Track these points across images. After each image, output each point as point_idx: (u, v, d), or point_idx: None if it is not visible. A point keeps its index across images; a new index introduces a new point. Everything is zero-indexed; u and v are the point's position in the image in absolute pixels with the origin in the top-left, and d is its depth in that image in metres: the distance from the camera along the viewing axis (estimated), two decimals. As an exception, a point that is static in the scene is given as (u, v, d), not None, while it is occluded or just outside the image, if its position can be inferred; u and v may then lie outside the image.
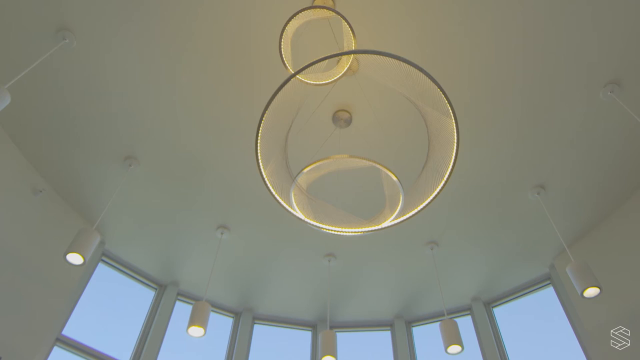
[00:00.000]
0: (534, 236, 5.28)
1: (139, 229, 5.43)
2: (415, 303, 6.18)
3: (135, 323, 5.63)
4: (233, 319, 6.31)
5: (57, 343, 4.78)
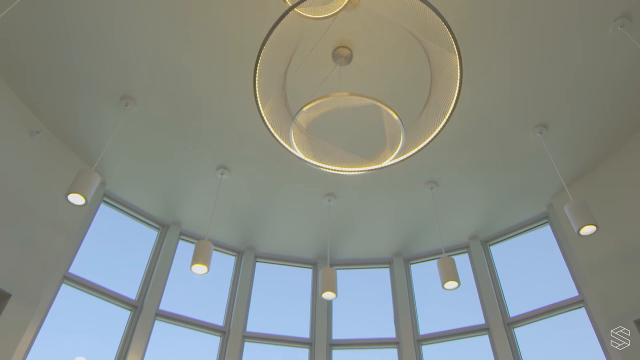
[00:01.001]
0: (534, 175, 5.29)
1: (139, 169, 5.44)
2: (413, 241, 6.30)
3: (140, 262, 5.76)
4: (235, 258, 6.46)
5: (65, 281, 4.91)
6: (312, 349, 5.77)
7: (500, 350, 5.18)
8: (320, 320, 5.94)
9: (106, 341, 5.10)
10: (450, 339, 5.66)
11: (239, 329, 5.70)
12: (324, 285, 4.62)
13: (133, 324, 5.22)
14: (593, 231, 3.95)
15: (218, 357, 5.51)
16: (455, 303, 5.96)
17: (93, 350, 5.02)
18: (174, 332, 5.54)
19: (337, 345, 5.84)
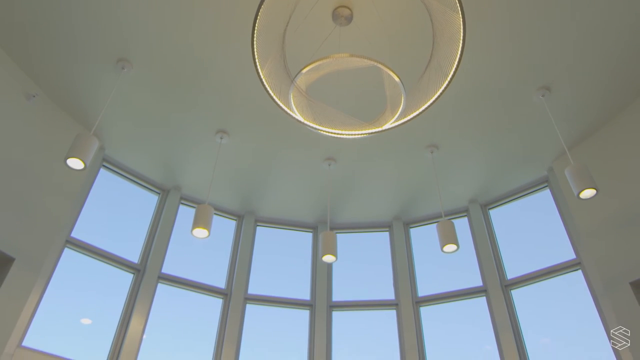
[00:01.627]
0: (535, 139, 5.26)
1: (138, 134, 5.40)
2: (413, 205, 6.32)
3: (141, 226, 5.80)
4: (236, 222, 6.50)
5: (67, 245, 4.96)
6: (312, 311, 5.89)
7: (497, 311, 5.28)
8: (321, 283, 6.04)
9: (110, 304, 5.19)
10: (448, 300, 5.76)
11: (241, 292, 5.80)
12: (324, 249, 4.66)
13: (136, 286, 5.30)
14: (593, 194, 3.95)
15: (220, 319, 5.62)
16: (454, 266, 6.04)
17: (98, 313, 5.12)
18: (176, 294, 5.64)
19: (337, 306, 5.95)
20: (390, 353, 5.55)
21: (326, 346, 5.54)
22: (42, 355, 4.35)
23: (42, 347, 4.41)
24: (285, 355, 5.78)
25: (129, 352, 4.82)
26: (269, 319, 5.95)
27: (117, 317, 5.07)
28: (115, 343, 4.90)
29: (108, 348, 4.86)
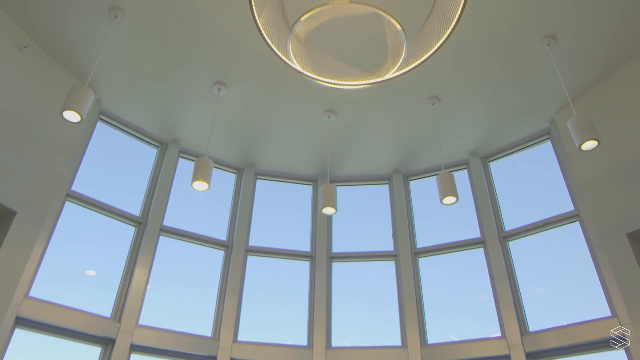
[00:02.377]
0: (538, 90, 5.18)
1: (134, 86, 5.31)
2: (413, 158, 6.30)
3: (142, 180, 5.81)
4: (236, 175, 6.50)
5: (68, 199, 4.98)
6: (313, 262, 5.99)
7: (494, 262, 5.37)
8: (321, 235, 6.11)
9: (114, 256, 5.28)
10: (446, 252, 5.85)
11: (242, 244, 5.88)
12: (324, 201, 4.68)
13: (139, 239, 5.37)
14: (594, 146, 3.93)
15: (222, 270, 5.73)
16: (453, 218, 6.10)
17: (102, 265, 5.21)
18: (179, 247, 5.72)
19: (337, 258, 6.05)
20: (389, 303, 5.69)
21: (326, 297, 5.67)
22: (49, 306, 4.46)
23: (49, 297, 4.52)
24: (287, 306, 5.93)
25: (134, 302, 4.94)
26: (270, 271, 6.07)
27: (121, 269, 5.16)
28: (121, 294, 5.01)
29: (113, 298, 4.98)
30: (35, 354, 4.51)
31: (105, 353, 4.68)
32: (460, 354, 5.06)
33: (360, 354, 5.31)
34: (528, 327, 4.95)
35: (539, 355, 4.76)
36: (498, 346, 4.92)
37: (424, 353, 5.15)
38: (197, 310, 5.55)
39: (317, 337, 5.36)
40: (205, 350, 5.08)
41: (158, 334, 4.96)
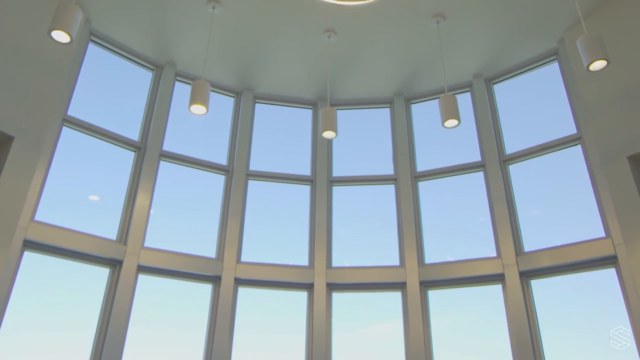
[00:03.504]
0: (548, 6, 4.93)
1: (124, 4, 5.05)
2: (415, 80, 6.15)
3: (138, 104, 5.71)
4: (234, 99, 6.38)
5: (65, 123, 4.92)
6: (313, 186, 6.04)
7: (493, 185, 5.41)
8: (321, 159, 6.11)
9: (115, 182, 5.31)
10: (446, 175, 5.88)
11: (242, 168, 5.89)
12: (324, 125, 4.62)
13: (139, 164, 5.37)
14: (603, 66, 3.80)
15: (223, 194, 5.79)
16: (453, 142, 6.07)
17: (104, 190, 5.25)
18: (179, 172, 5.74)
19: (337, 181, 6.10)
20: (388, 225, 5.81)
21: (326, 219, 5.78)
22: (55, 229, 4.55)
23: (54, 221, 4.60)
24: (288, 228, 6.06)
25: (138, 225, 5.04)
26: (271, 195, 6.13)
27: (123, 194, 5.21)
28: (124, 217, 5.10)
29: (118, 222, 5.07)
30: (46, 276, 4.68)
31: (113, 273, 4.85)
32: (456, 272, 5.24)
33: (359, 273, 5.51)
34: (523, 248, 5.09)
35: (532, 273, 4.93)
36: (493, 265, 5.09)
37: (420, 272, 5.34)
38: (200, 232, 5.68)
39: (318, 258, 5.53)
40: (210, 270, 5.26)
41: (163, 255, 5.11)
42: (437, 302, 5.35)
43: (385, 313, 5.57)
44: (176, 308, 5.37)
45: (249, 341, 5.30)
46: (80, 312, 4.72)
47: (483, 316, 5.40)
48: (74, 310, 4.70)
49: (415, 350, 4.98)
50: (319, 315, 5.24)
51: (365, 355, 5.47)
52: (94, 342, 4.57)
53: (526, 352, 4.58)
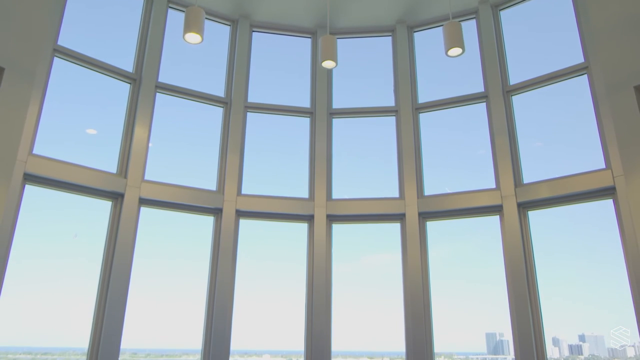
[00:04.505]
0: None
1: None
2: (419, 6, 5.88)
3: (131, 34, 5.50)
4: (230, 27, 6.14)
5: (56, 54, 4.77)
6: (312, 118, 5.96)
7: (495, 117, 5.33)
8: (321, 90, 5.98)
9: (112, 115, 5.23)
10: (448, 106, 5.78)
11: (240, 100, 5.78)
12: (324, 54, 4.47)
13: (135, 96, 5.26)
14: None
15: (222, 127, 5.72)
16: (456, 73, 5.92)
17: (101, 124, 5.19)
18: (177, 105, 5.64)
19: (337, 113, 6.01)
20: (388, 158, 5.80)
21: (326, 151, 5.75)
22: (55, 162, 4.54)
23: (53, 155, 4.58)
24: (288, 161, 6.06)
25: (138, 158, 5.02)
26: (270, 128, 6.07)
27: (121, 127, 5.15)
28: (123, 150, 5.07)
29: (117, 155, 5.05)
30: (50, 210, 4.74)
31: (116, 206, 4.90)
32: (455, 204, 5.30)
33: (359, 204, 5.57)
34: (522, 179, 5.11)
35: (530, 204, 4.98)
36: (491, 197, 5.13)
37: (419, 203, 5.39)
38: (200, 166, 5.69)
39: (318, 190, 5.57)
40: (211, 203, 5.32)
41: (164, 188, 5.14)
42: (436, 233, 5.46)
43: (384, 244, 5.70)
44: (180, 240, 5.50)
45: (252, 271, 5.47)
46: (76, 240, 4.81)
47: (480, 247, 5.53)
48: (70, 238, 4.79)
49: (412, 280, 5.15)
50: (319, 246, 5.36)
51: (365, 284, 5.67)
52: (101, 271, 4.71)
53: (520, 281, 4.73)
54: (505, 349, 5.24)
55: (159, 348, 5.27)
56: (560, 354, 5.05)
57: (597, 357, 4.93)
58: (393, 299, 5.29)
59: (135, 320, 4.77)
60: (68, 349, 4.76)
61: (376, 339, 5.48)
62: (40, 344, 4.65)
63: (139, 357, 5.23)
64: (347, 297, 5.47)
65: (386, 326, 5.42)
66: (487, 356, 5.37)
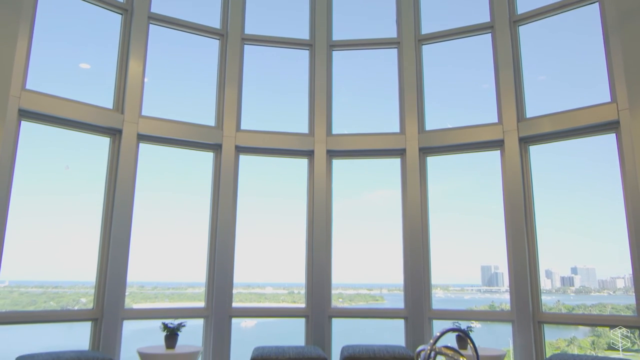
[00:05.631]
0: None
1: None
2: None
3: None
4: (224, -46, 5.81)
5: (42, -18, 4.53)
6: (312, 50, 5.77)
7: (500, 49, 5.16)
8: (320, 21, 5.76)
9: (105, 48, 5.07)
10: (452, 37, 5.58)
11: (237, 32, 5.58)
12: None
13: (127, 28, 5.07)
14: None
15: (219, 60, 5.56)
16: (462, 1, 5.67)
17: (94, 58, 5.04)
18: (172, 38, 5.45)
19: (337, 45, 5.81)
20: (389, 92, 5.68)
21: (326, 86, 5.62)
22: (50, 98, 4.45)
23: (47, 90, 4.47)
24: (287, 96, 5.95)
25: (134, 93, 4.93)
26: (268, 61, 5.90)
27: (115, 61, 5.01)
28: (118, 85, 4.96)
29: (112, 90, 4.94)
30: (49, 147, 4.71)
31: (114, 142, 4.86)
32: (456, 139, 5.25)
33: (359, 140, 5.52)
34: (525, 114, 5.03)
35: (531, 139, 4.94)
36: (493, 131, 5.07)
37: (420, 138, 5.35)
38: (198, 101, 5.59)
39: (318, 125, 5.50)
40: (210, 139, 5.27)
41: (162, 123, 5.08)
42: (436, 169, 5.46)
43: (385, 181, 5.72)
44: (181, 177, 5.51)
45: (253, 208, 5.52)
46: (68, 172, 4.79)
47: (479, 183, 5.55)
48: (62, 170, 4.76)
49: (412, 214, 5.20)
50: (320, 182, 5.38)
51: (364, 219, 5.74)
52: (104, 208, 4.75)
53: (518, 215, 4.78)
54: (500, 281, 5.40)
55: (165, 281, 5.43)
56: (553, 285, 5.21)
57: (587, 288, 5.08)
58: (392, 233, 5.38)
59: (142, 255, 4.89)
60: (77, 282, 4.90)
61: (375, 272, 5.64)
62: (51, 278, 4.79)
63: (147, 289, 5.40)
64: (347, 232, 5.56)
65: (385, 260, 5.56)
66: (482, 287, 5.55)
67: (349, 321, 5.43)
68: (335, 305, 5.34)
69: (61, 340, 4.66)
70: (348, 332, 5.48)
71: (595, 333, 5.20)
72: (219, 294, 4.98)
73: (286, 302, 5.77)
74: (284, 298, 5.82)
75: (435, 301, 5.13)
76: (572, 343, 5.12)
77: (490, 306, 5.51)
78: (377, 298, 5.93)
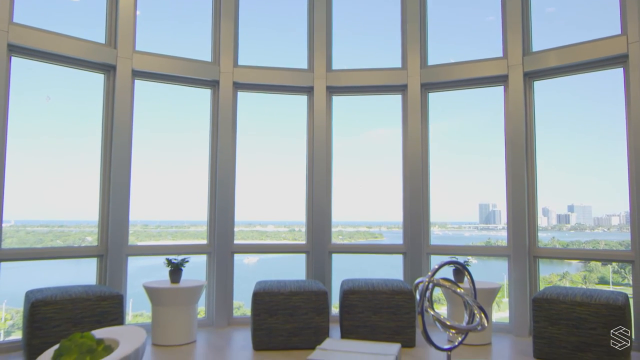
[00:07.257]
0: None
1: None
2: None
3: None
4: None
5: None
6: (311, -18, 5.51)
7: (508, -22, 4.92)
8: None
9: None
10: (458, -33, 5.30)
11: (232, -39, 5.30)
12: None
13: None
14: None
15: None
16: None
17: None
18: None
19: (337, -24, 5.54)
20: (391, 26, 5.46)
21: (326, 19, 5.41)
22: (40, 32, 4.30)
23: (36, 24, 4.30)
24: (285, 30, 5.75)
25: (126, 27, 4.75)
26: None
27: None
28: (109, 19, 4.77)
29: (103, 24, 4.76)
30: (43, 84, 4.60)
31: (109, 79, 4.74)
32: (458, 74, 5.12)
33: (359, 75, 5.38)
34: (531, 47, 4.87)
35: (537, 74, 4.81)
36: (497, 66, 4.93)
37: (422, 74, 5.21)
38: (193, 36, 5.40)
39: (317, 60, 5.34)
40: (207, 75, 5.14)
41: (158, 59, 4.92)
42: (437, 105, 5.36)
43: (385, 119, 5.64)
44: (180, 114, 5.44)
45: (253, 146, 5.48)
46: (50, 102, 4.68)
47: (480, 120, 5.48)
48: (43, 100, 4.65)
49: (412, 152, 5.17)
50: (319, 119, 5.30)
51: (365, 158, 5.73)
52: (102, 146, 4.71)
53: (519, 152, 4.74)
54: (497, 219, 5.48)
55: (168, 220, 5.51)
56: (549, 223, 5.28)
57: (583, 225, 5.16)
58: (392, 172, 5.37)
59: (143, 194, 4.91)
60: (81, 221, 4.96)
61: (375, 210, 5.70)
62: (55, 218, 4.85)
63: (150, 227, 5.49)
64: (348, 170, 5.56)
65: (385, 198, 5.60)
66: (479, 225, 5.63)
67: (348, 257, 5.54)
68: (335, 242, 5.43)
69: (69, 276, 4.79)
70: (348, 268, 5.62)
71: (587, 268, 5.34)
72: (220, 231, 5.05)
73: (287, 240, 5.88)
74: (285, 236, 5.93)
75: (434, 238, 5.22)
76: (565, 278, 5.27)
77: (487, 242, 5.62)
78: (377, 235, 6.04)
